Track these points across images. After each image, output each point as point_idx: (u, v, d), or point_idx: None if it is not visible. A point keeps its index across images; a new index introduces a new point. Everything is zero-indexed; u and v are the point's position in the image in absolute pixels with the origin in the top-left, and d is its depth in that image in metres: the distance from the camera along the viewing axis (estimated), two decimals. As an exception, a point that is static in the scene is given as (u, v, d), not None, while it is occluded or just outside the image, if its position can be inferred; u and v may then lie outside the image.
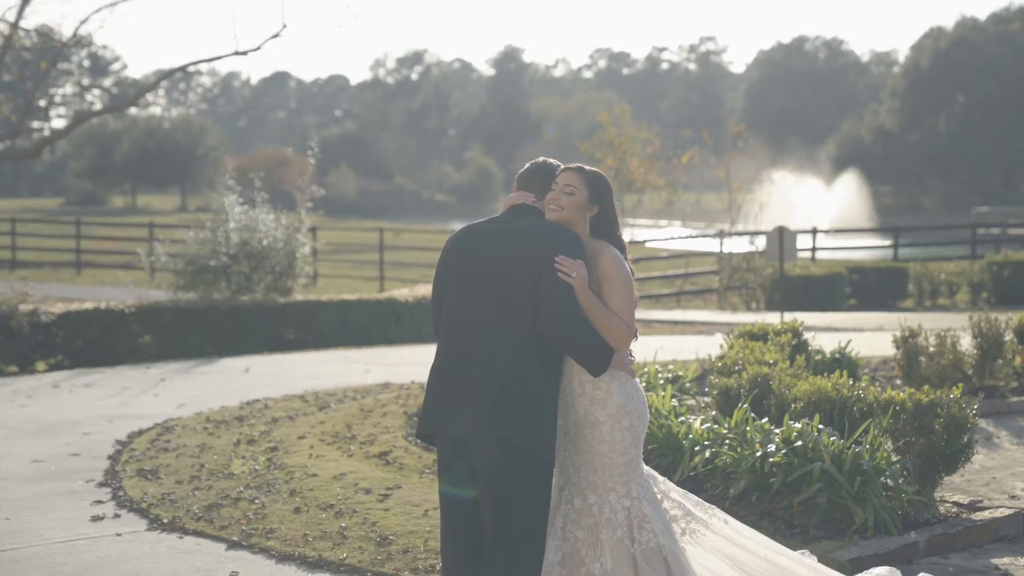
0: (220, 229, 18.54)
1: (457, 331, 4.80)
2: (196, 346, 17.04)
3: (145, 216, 63.37)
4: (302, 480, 8.31)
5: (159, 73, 25.89)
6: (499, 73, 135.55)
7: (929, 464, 7.51)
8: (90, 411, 11.67)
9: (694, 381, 10.91)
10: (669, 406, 8.33)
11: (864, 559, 6.44)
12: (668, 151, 36.91)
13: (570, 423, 4.88)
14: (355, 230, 45.14)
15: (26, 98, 23.48)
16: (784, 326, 10.86)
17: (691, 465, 7.66)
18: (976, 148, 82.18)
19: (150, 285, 22.74)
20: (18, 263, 36.26)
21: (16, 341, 15.98)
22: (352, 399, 11.81)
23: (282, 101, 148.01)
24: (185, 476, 8.65)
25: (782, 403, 8.05)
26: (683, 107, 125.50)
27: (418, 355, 15.51)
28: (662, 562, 4.78)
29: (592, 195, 4.89)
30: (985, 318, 11.44)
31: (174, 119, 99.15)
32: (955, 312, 22.68)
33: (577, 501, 4.88)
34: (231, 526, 7.34)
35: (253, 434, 10.05)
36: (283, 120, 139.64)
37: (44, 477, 8.83)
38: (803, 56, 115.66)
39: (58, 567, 6.66)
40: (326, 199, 27.06)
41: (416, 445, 9.31)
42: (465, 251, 4.85)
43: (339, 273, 35.10)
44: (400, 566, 6.47)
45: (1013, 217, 47.54)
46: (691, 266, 32.07)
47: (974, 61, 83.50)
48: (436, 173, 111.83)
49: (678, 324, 22.27)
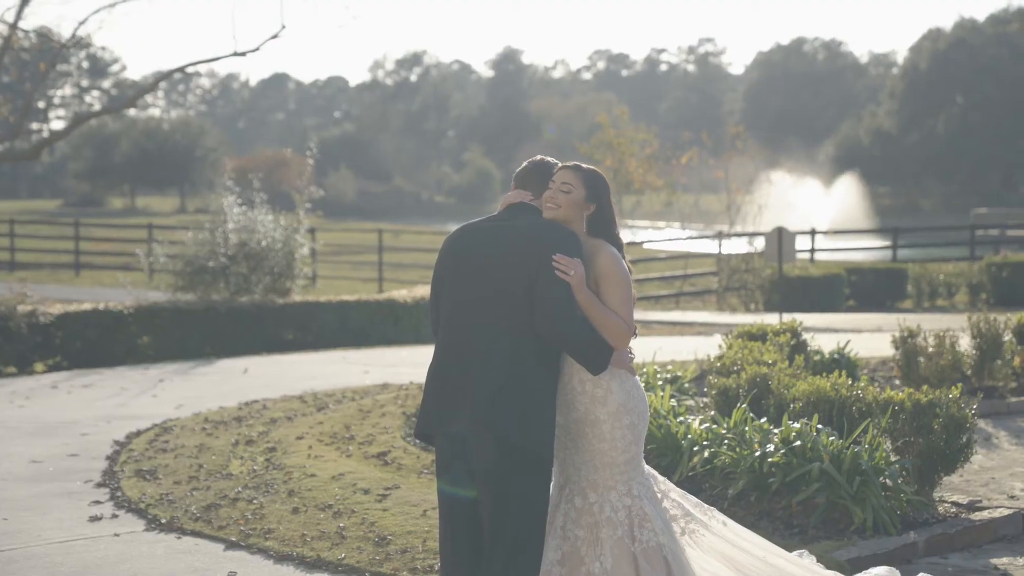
0: (219, 230, 18.53)
1: (455, 331, 4.79)
2: (195, 347, 17.03)
3: (144, 217, 63.42)
4: (300, 480, 8.30)
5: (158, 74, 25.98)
6: (498, 74, 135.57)
7: (928, 464, 7.50)
8: (88, 412, 11.66)
9: (693, 381, 10.90)
10: (668, 406, 8.32)
11: (863, 559, 6.43)
12: (667, 152, 36.89)
13: (571, 421, 4.87)
14: (354, 231, 45.12)
15: (25, 99, 23.49)
16: (783, 326, 10.85)
17: (690, 465, 7.65)
18: (975, 149, 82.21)
19: (149, 286, 22.74)
20: (17, 264, 36.25)
21: (14, 342, 15.97)
22: (351, 400, 11.80)
23: (281, 102, 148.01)
24: (183, 476, 8.64)
25: (781, 403, 8.05)
26: (682, 108, 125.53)
27: (417, 356, 15.51)
28: (662, 561, 4.78)
29: (589, 193, 4.89)
30: (984, 318, 11.43)
31: (173, 120, 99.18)
32: (954, 313, 22.68)
33: (578, 500, 4.87)
34: (229, 526, 7.33)
35: (251, 435, 10.04)
36: (282, 121, 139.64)
37: (42, 477, 8.82)
38: (802, 57, 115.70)
39: (56, 567, 6.65)
40: (325, 200, 27.09)
41: (415, 445, 9.31)
42: (462, 250, 4.84)
43: (338, 274, 35.10)
44: (398, 566, 6.46)
45: (1012, 218, 47.62)
46: (690, 267, 32.07)
47: (973, 62, 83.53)
48: (435, 174, 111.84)
49: (677, 325, 22.27)
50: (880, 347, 14.26)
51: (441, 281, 4.89)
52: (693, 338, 17.75)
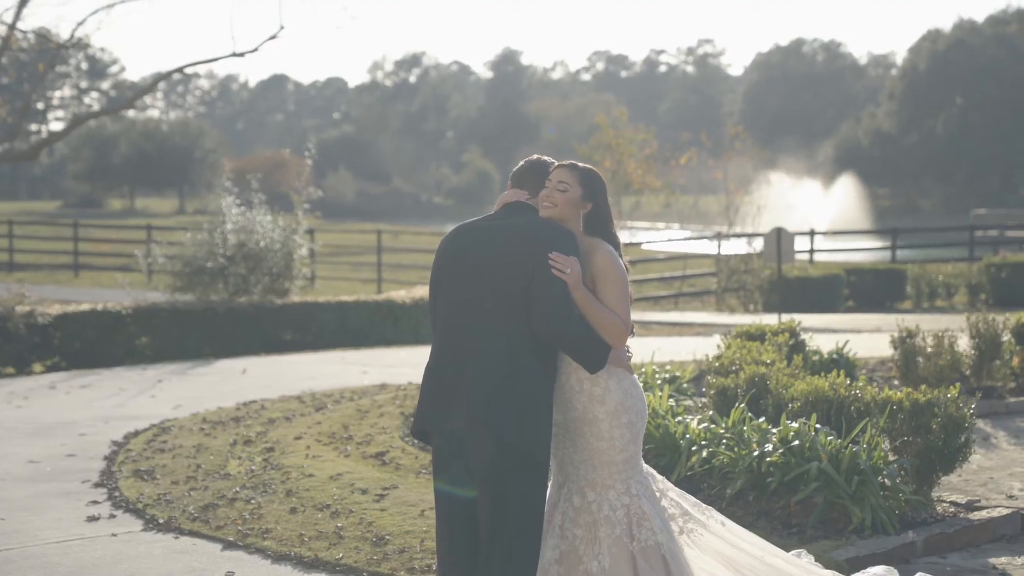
0: (217, 231, 18.52)
1: (451, 330, 4.78)
2: (193, 347, 17.02)
3: (143, 218, 63.44)
4: (298, 480, 8.29)
5: (157, 75, 26.00)
6: (497, 75, 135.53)
7: (926, 464, 7.50)
8: (87, 412, 11.65)
9: (691, 382, 10.90)
10: (666, 406, 8.31)
11: (861, 559, 6.43)
12: (666, 153, 36.91)
13: (569, 420, 4.86)
14: (353, 232, 45.12)
15: (23, 100, 23.49)
16: (782, 326, 10.84)
17: (688, 465, 7.64)
18: (974, 150, 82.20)
19: (147, 287, 22.75)
20: (16, 265, 36.25)
21: (13, 342, 15.96)
22: (349, 400, 11.79)
23: (280, 104, 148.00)
24: (181, 476, 8.63)
25: (779, 403, 8.04)
26: (681, 109, 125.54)
27: (415, 356, 15.50)
28: (660, 560, 4.77)
29: (586, 192, 4.88)
30: (983, 319, 11.43)
31: (172, 122, 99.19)
32: (953, 314, 22.68)
33: (576, 499, 4.87)
34: (227, 526, 7.32)
35: (250, 435, 10.03)
36: (281, 123, 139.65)
37: (40, 478, 8.82)
38: (801, 58, 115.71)
39: (53, 567, 6.64)
40: (324, 201, 27.11)
41: (413, 445, 9.30)
42: (458, 250, 4.84)
43: (337, 275, 35.10)
44: (396, 566, 6.45)
45: (1011, 219, 47.65)
46: (689, 268, 32.06)
47: (972, 63, 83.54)
48: (434, 175, 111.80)
49: (676, 326, 22.25)
50: (879, 347, 14.26)
51: (438, 281, 4.88)
52: (692, 339, 17.74)
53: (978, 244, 32.79)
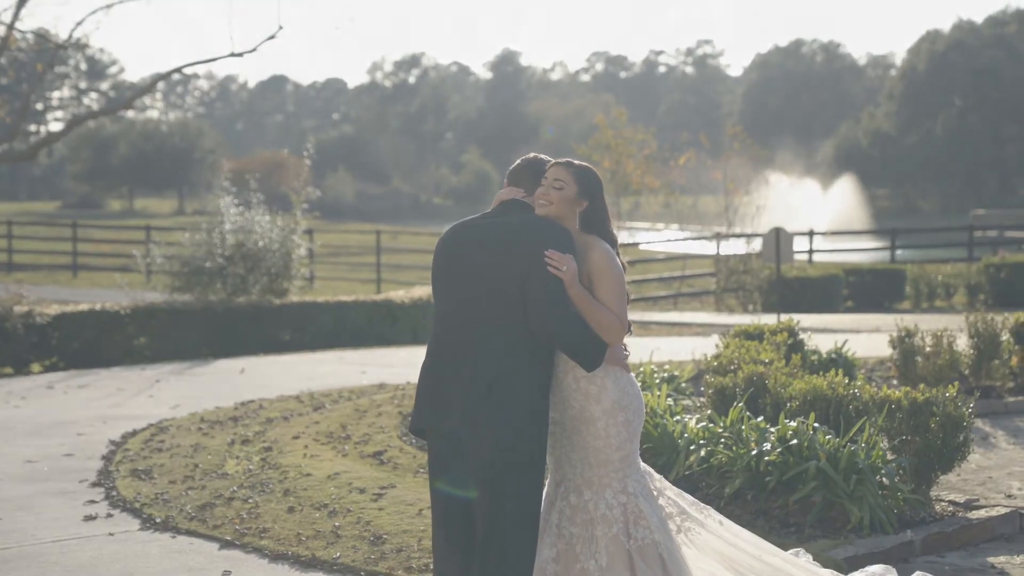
0: (216, 231, 18.51)
1: (448, 328, 4.78)
2: (192, 347, 17.01)
3: (142, 219, 63.41)
4: (296, 480, 8.28)
5: (156, 76, 26.08)
6: (496, 76, 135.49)
7: (925, 463, 7.49)
8: (84, 412, 11.64)
9: (690, 381, 10.89)
10: (665, 405, 8.30)
11: (860, 558, 6.42)
12: (665, 153, 36.89)
13: (566, 419, 4.85)
14: (352, 232, 45.10)
15: (22, 100, 23.47)
16: (780, 325, 10.83)
17: (687, 464, 7.63)
18: (973, 150, 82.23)
19: (146, 287, 22.74)
20: (14, 266, 36.24)
21: (11, 342, 15.95)
22: (347, 400, 11.79)
23: (279, 104, 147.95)
24: (179, 476, 8.63)
25: (777, 402, 8.03)
26: (680, 110, 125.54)
27: (414, 356, 15.48)
28: (658, 559, 4.76)
29: (581, 190, 4.87)
30: (982, 318, 11.43)
31: (171, 122, 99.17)
32: (952, 314, 22.67)
33: (573, 497, 4.85)
34: (224, 525, 7.31)
35: (247, 434, 10.02)
36: (280, 123, 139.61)
37: (37, 477, 8.81)
38: (800, 59, 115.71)
39: (50, 566, 6.63)
40: (324, 202, 27.11)
41: (411, 445, 9.29)
42: (455, 248, 4.83)
43: (336, 275, 35.10)
44: (394, 565, 6.44)
45: (1010, 219, 47.61)
46: (688, 268, 32.06)
47: (971, 64, 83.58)
48: (433, 176, 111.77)
49: (675, 326, 22.25)
50: (878, 347, 14.25)
51: (436, 279, 4.88)
52: (691, 339, 17.74)
53: (977, 244, 32.77)
